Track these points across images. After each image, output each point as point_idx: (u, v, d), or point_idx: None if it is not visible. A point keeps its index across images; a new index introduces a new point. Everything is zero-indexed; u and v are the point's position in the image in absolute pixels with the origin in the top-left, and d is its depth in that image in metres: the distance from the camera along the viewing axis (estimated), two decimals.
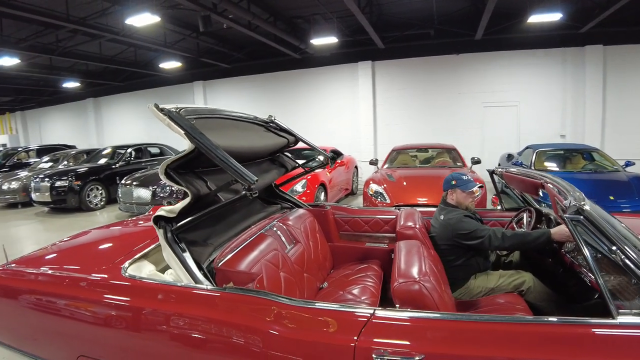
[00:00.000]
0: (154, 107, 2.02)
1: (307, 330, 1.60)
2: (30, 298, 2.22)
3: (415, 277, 1.76)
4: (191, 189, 2.06)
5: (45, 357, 2.25)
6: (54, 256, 2.74)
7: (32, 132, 21.79)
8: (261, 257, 2.21)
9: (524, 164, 7.60)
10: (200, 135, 1.95)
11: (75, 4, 8.02)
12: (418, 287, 1.70)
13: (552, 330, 1.42)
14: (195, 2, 7.37)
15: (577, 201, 1.63)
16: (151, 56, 13.27)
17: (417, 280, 1.74)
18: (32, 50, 10.43)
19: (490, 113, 11.43)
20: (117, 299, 1.97)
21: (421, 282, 1.72)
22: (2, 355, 3.15)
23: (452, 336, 1.48)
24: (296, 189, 6.89)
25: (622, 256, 1.46)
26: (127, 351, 1.97)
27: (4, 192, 10.50)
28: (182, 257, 1.98)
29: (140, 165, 10.66)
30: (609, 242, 1.50)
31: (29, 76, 14.57)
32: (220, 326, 1.72)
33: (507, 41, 10.60)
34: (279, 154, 3.55)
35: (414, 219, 2.75)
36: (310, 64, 13.00)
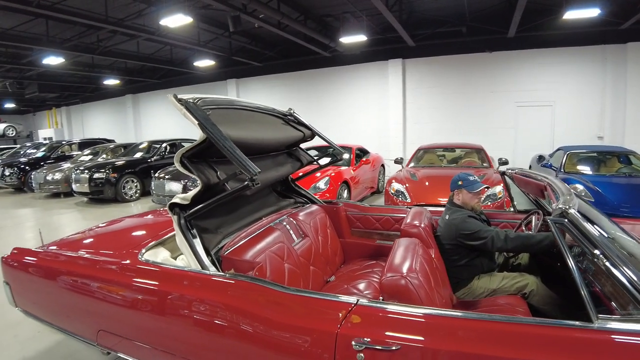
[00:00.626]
0: (173, 97, 2.13)
1: (293, 316, 1.71)
2: (59, 277, 2.44)
3: (403, 272, 1.82)
4: (202, 178, 2.18)
5: (72, 330, 2.48)
6: (85, 240, 2.98)
7: (75, 126, 22.93)
8: (266, 248, 2.33)
9: (553, 166, 7.39)
10: (212, 127, 2.05)
11: (114, 5, 8.44)
12: (404, 282, 1.77)
13: (529, 331, 1.45)
14: (225, 2, 7.59)
15: (564, 205, 1.64)
16: (186, 54, 13.68)
17: (404, 276, 1.80)
18: (76, 49, 11.03)
19: (523, 113, 11.13)
20: (132, 281, 2.14)
21: (408, 278, 1.78)
22: (37, 328, 3.46)
23: (428, 330, 1.55)
24: (319, 186, 6.99)
25: (605, 260, 1.47)
26: (139, 328, 2.14)
27: (48, 182, 11.17)
28: (192, 243, 2.12)
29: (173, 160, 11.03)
30: (592, 246, 1.50)
31: (72, 74, 15.38)
32: (217, 307, 1.87)
33: (542, 38, 10.24)
34: (295, 148, 3.57)
35: (420, 218, 2.78)
36: (340, 62, 13.04)
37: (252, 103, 2.88)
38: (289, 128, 3.21)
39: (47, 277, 2.52)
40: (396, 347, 1.50)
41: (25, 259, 2.69)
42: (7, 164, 13.35)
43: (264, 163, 2.80)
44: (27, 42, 10.23)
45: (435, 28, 10.63)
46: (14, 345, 3.30)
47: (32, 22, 9.38)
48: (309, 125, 3.41)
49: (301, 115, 3.43)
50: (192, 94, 2.26)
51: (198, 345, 1.93)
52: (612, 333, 1.38)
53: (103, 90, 19.27)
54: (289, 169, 3.30)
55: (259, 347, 1.74)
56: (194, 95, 2.24)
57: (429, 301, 1.82)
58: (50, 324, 2.61)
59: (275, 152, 3.24)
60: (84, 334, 2.40)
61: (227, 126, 2.19)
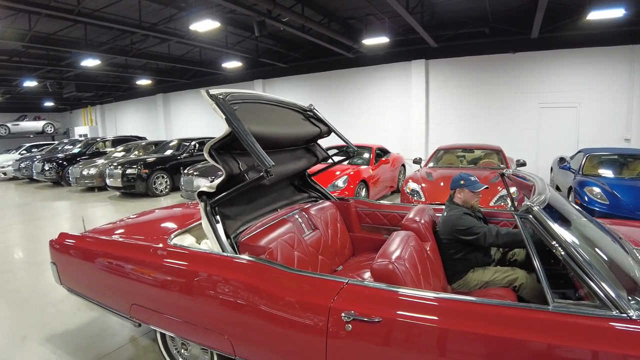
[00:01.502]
0: (205, 92, 2.39)
1: (296, 292, 2.00)
2: (98, 258, 2.81)
3: (392, 259, 2.07)
4: (226, 168, 2.44)
5: (108, 304, 2.84)
6: (120, 228, 3.35)
7: (109, 123, 23.83)
8: (278, 237, 2.62)
9: (572, 168, 7.39)
10: (237, 121, 2.29)
11: (147, 11, 8.93)
12: (392, 268, 2.02)
13: (492, 310, 1.68)
14: (250, 8, 7.93)
15: (531, 202, 1.84)
16: (215, 56, 14.14)
17: (392, 262, 2.05)
18: (111, 52, 11.64)
19: (547, 114, 11.02)
20: (162, 262, 2.47)
21: (395, 264, 2.04)
22: (77, 305, 3.88)
23: (405, 306, 1.80)
24: (337, 184, 7.24)
25: (562, 252, 1.68)
26: (166, 302, 2.46)
27: (83, 177, 11.84)
28: (215, 227, 2.41)
29: (202, 157, 11.45)
30: (552, 239, 1.71)
31: (107, 74, 16.12)
32: (233, 284, 2.17)
33: (566, 39, 10.10)
34: (313, 144, 3.74)
35: (421, 214, 3.01)
36: (363, 63, 13.19)
37: (275, 97, 3.11)
38: (307, 123, 3.40)
39: (88, 258, 2.89)
40: (378, 320, 1.76)
41: (69, 242, 3.08)
42: (46, 159, 14.14)
43: (282, 156, 3.05)
44: (67, 46, 10.90)
45: (458, 29, 10.67)
46: (58, 319, 3.73)
47: (72, 27, 10.02)
48: (327, 121, 3.59)
49: (321, 112, 3.61)
50: (222, 89, 2.49)
51: (216, 316, 2.24)
52: (564, 315, 1.59)
53: (135, 89, 20.02)
54: (305, 164, 3.48)
55: (267, 317, 2.03)
56: (224, 91, 2.48)
57: (414, 286, 2.06)
58: (90, 299, 2.99)
59: (294, 146, 3.42)
60: (118, 308, 2.75)
61: (251, 121, 2.42)
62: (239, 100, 2.54)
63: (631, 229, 2.93)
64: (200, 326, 2.29)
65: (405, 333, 1.75)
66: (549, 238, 1.71)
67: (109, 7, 8.64)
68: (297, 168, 3.35)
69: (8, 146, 21.71)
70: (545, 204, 1.89)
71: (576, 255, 1.65)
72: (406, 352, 1.75)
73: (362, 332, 1.79)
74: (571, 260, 1.65)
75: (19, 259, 5.86)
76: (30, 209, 9.84)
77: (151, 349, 3.14)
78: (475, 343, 1.64)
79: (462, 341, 1.66)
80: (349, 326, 1.80)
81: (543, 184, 2.27)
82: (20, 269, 5.32)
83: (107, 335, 3.40)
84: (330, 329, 1.84)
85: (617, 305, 1.54)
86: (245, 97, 2.67)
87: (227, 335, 2.18)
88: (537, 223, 1.75)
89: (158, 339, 2.75)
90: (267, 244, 2.48)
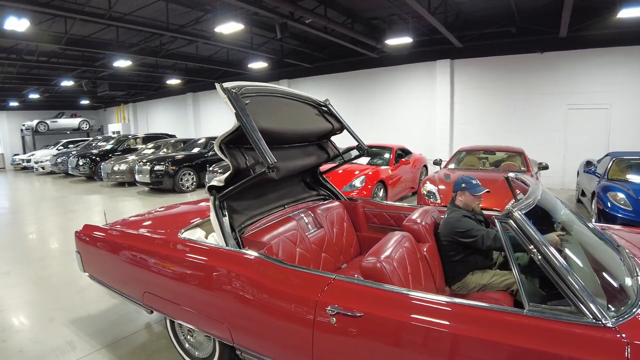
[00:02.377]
0: (219, 85, 2.45)
1: (288, 284, 2.12)
2: (116, 248, 3.02)
3: (380, 258, 2.16)
4: (233, 162, 2.54)
5: (125, 291, 3.05)
6: (141, 221, 3.55)
7: (141, 121, 24.59)
8: (281, 234, 2.75)
9: (597, 172, 7.18)
10: (246, 117, 2.35)
11: (174, 13, 9.24)
12: (379, 266, 2.11)
13: (470, 311, 1.75)
14: (272, 11, 8.10)
15: (512, 207, 1.88)
16: (241, 56, 14.42)
17: (379, 260, 2.13)
18: (141, 53, 12.08)
19: (576, 116, 10.69)
20: (169, 253, 2.64)
21: (383, 263, 2.12)
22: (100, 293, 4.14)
23: (385, 303, 1.88)
24: (354, 184, 7.31)
25: (539, 256, 1.72)
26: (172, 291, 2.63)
27: (114, 172, 12.36)
28: (222, 221, 2.54)
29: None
30: (529, 243, 1.75)
31: (138, 74, 16.70)
32: (231, 275, 2.31)
33: (596, 37, 9.75)
34: (326, 140, 3.72)
35: (423, 216, 3.06)
36: (388, 63, 13.15)
37: (291, 91, 3.14)
38: (321, 119, 3.39)
39: (107, 248, 3.11)
40: (360, 314, 1.86)
41: (92, 233, 3.32)
42: (80, 155, 14.84)
43: (292, 152, 3.10)
44: (100, 47, 11.40)
45: (483, 29, 10.52)
46: (82, 305, 4.00)
47: (105, 30, 10.48)
48: (340, 118, 3.57)
49: (338, 109, 3.63)
50: (237, 82, 2.55)
51: (216, 305, 2.39)
52: (538, 319, 1.63)
53: (166, 88, 20.60)
54: (315, 160, 3.47)
55: (260, 307, 2.17)
56: (238, 84, 2.54)
57: (401, 285, 2.14)
58: (109, 286, 3.21)
59: (305, 142, 3.42)
60: (133, 295, 2.95)
61: (262, 115, 2.48)
62: (252, 94, 2.58)
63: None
64: (203, 314, 2.45)
65: (385, 328, 1.84)
66: (527, 242, 1.75)
67: (138, 11, 9.01)
68: (307, 164, 3.35)
69: (47, 142, 22.85)
70: (528, 209, 1.92)
71: (553, 260, 1.68)
72: (386, 347, 1.83)
73: (345, 326, 1.89)
74: (548, 264, 1.69)
75: (52, 248, 6.23)
76: (64, 202, 10.38)
77: (163, 336, 3.33)
78: (449, 342, 1.71)
79: (437, 339, 1.73)
80: (333, 319, 1.91)
81: (536, 189, 2.29)
82: (52, 257, 5.67)
83: (125, 321, 3.63)
84: (317, 321, 1.95)
85: (592, 312, 1.56)
86: (259, 90, 2.71)
87: (226, 323, 2.33)
88: (517, 227, 1.79)
89: (167, 325, 2.93)
90: (269, 240, 2.61)
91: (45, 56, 12.73)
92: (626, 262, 2.14)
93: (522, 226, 1.78)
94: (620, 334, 1.50)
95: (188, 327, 2.76)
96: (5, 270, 5.14)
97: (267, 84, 2.97)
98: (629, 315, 1.60)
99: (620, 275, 1.98)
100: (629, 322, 1.56)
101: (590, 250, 2.25)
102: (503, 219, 1.86)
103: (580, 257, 2.13)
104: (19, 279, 4.85)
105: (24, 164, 20.01)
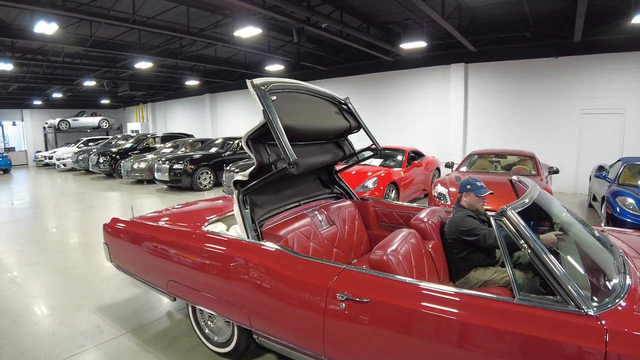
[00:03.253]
0: (250, 82, 2.61)
1: (303, 273, 2.33)
2: (142, 240, 3.26)
3: (387, 251, 2.35)
4: (257, 158, 2.72)
5: (151, 280, 3.28)
6: (165, 216, 3.79)
7: (159, 120, 25.13)
8: (296, 229, 2.96)
9: (608, 177, 7.23)
10: (272, 114, 2.50)
11: (194, 17, 9.56)
12: (386, 259, 2.30)
13: (463, 299, 1.93)
14: (289, 16, 8.34)
15: (507, 206, 2.06)
16: (259, 58, 14.71)
17: (386, 254, 2.33)
18: (162, 55, 12.45)
19: (590, 121, 10.68)
20: (194, 245, 2.87)
21: (389, 256, 2.32)
22: (124, 283, 4.41)
23: (390, 291, 2.07)
24: (367, 185, 7.49)
25: (529, 251, 1.89)
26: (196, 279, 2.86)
27: (134, 170, 12.74)
28: (244, 214, 2.76)
29: (244, 156, 12.03)
30: (520, 239, 1.92)
31: (158, 75, 17.13)
32: (250, 265, 2.53)
33: (611, 42, 9.78)
34: (343, 139, 3.86)
35: (431, 215, 3.24)
36: (402, 66, 13.30)
37: (314, 88, 3.30)
38: (339, 117, 3.52)
39: (133, 240, 3.36)
40: (367, 300, 2.05)
41: (119, 226, 3.57)
42: (101, 153, 15.29)
43: (310, 149, 3.27)
44: (123, 49, 11.79)
45: (497, 33, 10.61)
46: (107, 293, 4.28)
47: (128, 32, 10.87)
48: (358, 117, 3.71)
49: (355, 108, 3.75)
50: (266, 79, 2.71)
51: (236, 293, 2.61)
52: (527, 307, 1.80)
53: (184, 89, 21.07)
54: (331, 158, 3.62)
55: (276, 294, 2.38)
56: (267, 80, 2.69)
57: (405, 276, 2.32)
58: (134, 276, 3.46)
59: (324, 140, 3.56)
60: (158, 283, 3.19)
61: (286, 112, 2.63)
62: (279, 90, 2.74)
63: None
64: (224, 301, 2.67)
65: (390, 314, 2.03)
66: (518, 238, 1.93)
67: (160, 15, 9.34)
68: (324, 161, 3.51)
69: (68, 140, 23.51)
70: (522, 208, 2.09)
71: (541, 254, 1.85)
72: (390, 331, 2.02)
73: (353, 311, 2.09)
74: (537, 259, 1.86)
75: (75, 241, 6.55)
76: (85, 198, 10.77)
77: (184, 323, 3.57)
78: (446, 325, 1.90)
79: (435, 323, 1.92)
80: (342, 305, 2.11)
81: (532, 190, 2.45)
82: (75, 250, 5.99)
83: (147, 309, 3.88)
84: (328, 306, 2.15)
85: (575, 301, 1.73)
86: (286, 86, 2.87)
87: (245, 309, 2.55)
88: (510, 224, 1.97)
89: (189, 311, 3.16)
90: (285, 234, 2.81)
91: (70, 57, 13.20)
92: (617, 261, 2.29)
93: (514, 223, 1.95)
94: (600, 322, 1.66)
95: (210, 313, 2.99)
96: (35, 260, 5.46)
97: (292, 80, 3.11)
98: (612, 306, 1.76)
99: (609, 272, 2.13)
100: (610, 311, 1.73)
101: (584, 249, 2.41)
102: (497, 217, 2.03)
103: (573, 255, 2.29)
104: (47, 268, 5.16)
105: (46, 160, 20.66)
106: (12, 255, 5.71)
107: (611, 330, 1.62)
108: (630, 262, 2.32)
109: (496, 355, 1.78)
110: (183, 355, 3.08)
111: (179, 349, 3.17)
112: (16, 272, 5.01)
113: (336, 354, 2.21)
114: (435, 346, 1.91)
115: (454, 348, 1.86)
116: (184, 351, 3.13)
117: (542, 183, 6.57)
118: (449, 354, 1.87)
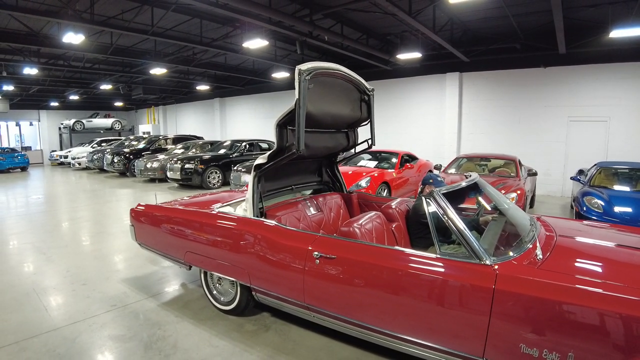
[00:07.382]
0: (297, 69, 2.88)
1: (289, 239, 3.07)
2: (164, 221, 4.01)
3: (353, 225, 3.09)
4: (279, 141, 3.25)
5: (170, 253, 4.03)
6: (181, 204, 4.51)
7: (170, 123, 26.01)
8: (290, 212, 3.68)
9: (582, 180, 7.86)
10: (304, 102, 2.86)
11: (207, 28, 10.40)
12: (352, 230, 3.03)
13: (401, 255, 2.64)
14: (292, 30, 9.12)
15: (435, 189, 2.77)
16: (266, 66, 15.54)
17: (353, 226, 3.06)
18: (175, 61, 13.32)
19: (576, 128, 11.31)
20: (208, 221, 3.62)
21: (354, 227, 3.05)
22: (144, 261, 5.15)
23: (351, 250, 2.80)
24: (361, 184, 8.20)
25: (448, 221, 2.58)
26: (209, 250, 3.59)
27: (147, 169, 13.54)
28: (255, 192, 3.44)
29: (251, 157, 12.89)
30: (443, 214, 2.62)
31: (170, 79, 18.00)
32: (253, 235, 3.26)
33: (594, 54, 10.44)
34: (353, 130, 4.23)
35: (399, 204, 3.97)
36: (401, 75, 14.03)
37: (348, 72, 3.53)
38: (357, 106, 3.82)
39: (156, 221, 4.11)
40: (334, 257, 2.78)
41: (143, 210, 4.33)
42: (115, 153, 16.13)
43: (322, 137, 3.76)
44: (139, 56, 12.67)
45: (489, 45, 11.26)
46: (129, 269, 5.07)
47: (145, 41, 11.73)
48: (372, 110, 4.07)
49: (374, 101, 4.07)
50: (312, 63, 2.97)
51: (240, 257, 3.35)
52: (444, 259, 2.50)
53: (195, 93, 21.99)
54: (335, 144, 4.04)
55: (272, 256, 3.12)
56: (311, 66, 2.96)
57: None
58: (156, 251, 4.21)
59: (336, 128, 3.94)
60: (176, 255, 3.93)
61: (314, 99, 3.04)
62: (320, 75, 3.01)
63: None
64: (231, 265, 3.41)
65: (351, 267, 2.74)
66: (442, 213, 2.64)
67: (178, 26, 10.19)
68: (330, 148, 3.92)
69: (82, 140, 24.47)
70: (447, 191, 2.81)
71: (457, 223, 2.56)
72: (351, 279, 2.74)
73: (324, 265, 2.82)
74: (454, 226, 2.57)
75: (97, 230, 7.33)
76: (101, 194, 11.60)
77: (196, 291, 4.33)
78: (391, 273, 2.61)
79: (384, 272, 2.63)
80: (317, 261, 2.84)
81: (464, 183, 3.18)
82: (98, 236, 6.77)
83: (164, 282, 4.64)
84: (307, 262, 2.88)
85: (478, 255, 2.43)
86: (326, 71, 3.14)
87: (247, 270, 3.28)
88: (435, 202, 2.68)
89: (201, 278, 3.90)
90: (281, 215, 3.54)
91: (90, 62, 14.10)
92: (529, 234, 2.98)
93: (439, 201, 2.66)
94: (494, 268, 2.37)
95: (219, 276, 3.73)
96: (64, 244, 6.25)
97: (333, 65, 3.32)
98: (506, 259, 2.46)
99: (516, 241, 2.82)
100: (504, 263, 2.42)
101: (507, 226, 3.10)
102: (427, 196, 2.75)
103: (496, 229, 2.99)
104: (75, 250, 5.95)
105: (61, 159, 21.59)
106: (43, 241, 6.49)
107: (500, 274, 2.32)
108: (540, 237, 3.01)
109: (423, 291, 2.49)
110: (195, 312, 3.82)
111: (192, 308, 3.91)
112: (50, 253, 5.79)
113: (312, 300, 2.93)
114: (384, 289, 2.61)
115: (399, 289, 2.57)
116: (196, 310, 3.87)
117: (519, 183, 7.25)
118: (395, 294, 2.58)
